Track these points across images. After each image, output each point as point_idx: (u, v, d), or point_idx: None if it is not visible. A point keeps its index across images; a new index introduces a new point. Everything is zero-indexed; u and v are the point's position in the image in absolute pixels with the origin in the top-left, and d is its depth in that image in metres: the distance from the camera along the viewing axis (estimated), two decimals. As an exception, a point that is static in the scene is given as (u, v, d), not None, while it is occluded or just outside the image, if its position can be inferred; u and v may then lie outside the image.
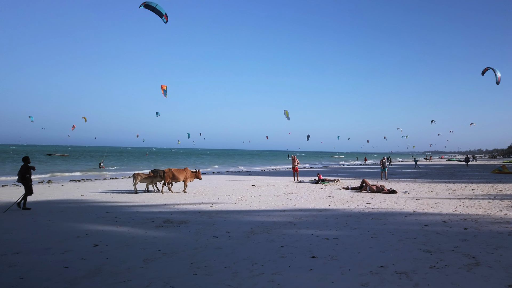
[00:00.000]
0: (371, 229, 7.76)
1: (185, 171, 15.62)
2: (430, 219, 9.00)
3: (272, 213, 10.11)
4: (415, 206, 11.35)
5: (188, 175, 15.64)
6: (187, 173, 15.61)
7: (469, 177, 25.30)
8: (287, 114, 35.58)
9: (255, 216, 9.49)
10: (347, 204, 11.93)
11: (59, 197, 13.76)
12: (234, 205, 11.57)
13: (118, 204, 11.97)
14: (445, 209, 10.59)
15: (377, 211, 10.31)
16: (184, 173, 15.47)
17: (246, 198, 13.41)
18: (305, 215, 9.64)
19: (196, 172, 16.14)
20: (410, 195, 14.51)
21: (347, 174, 31.51)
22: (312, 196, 14.09)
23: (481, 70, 24.53)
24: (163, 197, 13.84)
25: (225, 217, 9.30)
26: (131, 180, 23.95)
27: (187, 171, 15.71)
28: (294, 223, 8.51)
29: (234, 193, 15.23)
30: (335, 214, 9.80)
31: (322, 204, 11.94)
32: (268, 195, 14.32)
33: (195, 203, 12.07)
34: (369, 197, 13.70)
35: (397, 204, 11.75)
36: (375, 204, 11.89)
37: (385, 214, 9.75)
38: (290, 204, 11.94)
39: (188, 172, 15.72)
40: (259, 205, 11.68)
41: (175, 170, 15.39)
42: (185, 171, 15.66)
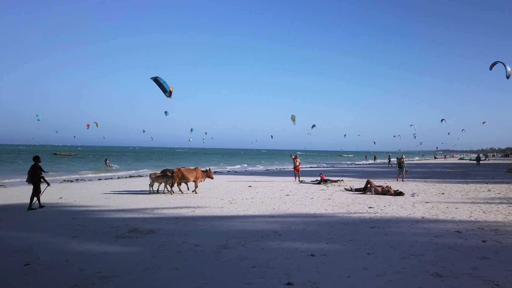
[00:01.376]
0: (369, 241, 6.49)
1: (195, 171, 14.79)
2: (441, 227, 7.68)
3: (259, 219, 8.89)
4: (423, 210, 10.02)
5: (199, 175, 14.85)
6: (197, 172, 14.78)
7: (483, 177, 23.71)
8: (294, 118, 35.21)
9: (237, 224, 8.28)
10: (347, 208, 10.64)
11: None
12: (219, 210, 10.37)
13: (91, 208, 10.86)
14: (458, 215, 9.24)
15: (379, 217, 9.01)
16: (195, 173, 14.66)
17: (237, 201, 12.20)
18: (296, 222, 8.39)
19: (207, 172, 15.29)
20: (418, 197, 13.15)
21: (354, 173, 30.08)
22: (310, 199, 12.82)
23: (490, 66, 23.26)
24: (148, 199, 12.71)
25: (203, 225, 8.10)
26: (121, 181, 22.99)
27: (197, 171, 14.85)
28: (279, 232, 7.27)
29: (226, 195, 14.04)
30: (331, 221, 8.53)
31: (319, 208, 10.67)
32: (262, 198, 13.09)
33: (178, 207, 10.90)
34: (373, 200, 12.38)
35: (403, 209, 10.43)
36: (378, 208, 10.58)
37: (388, 221, 8.45)
38: (283, 208, 10.70)
39: (198, 171, 14.89)
40: (247, 209, 10.46)
41: (184, 170, 14.50)
42: (195, 170, 14.84)
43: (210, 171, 15.48)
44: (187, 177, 14.42)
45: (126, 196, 13.70)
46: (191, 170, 14.84)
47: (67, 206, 11.26)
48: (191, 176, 14.55)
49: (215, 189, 16.23)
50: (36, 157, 10.87)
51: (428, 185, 18.08)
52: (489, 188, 15.99)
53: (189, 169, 14.84)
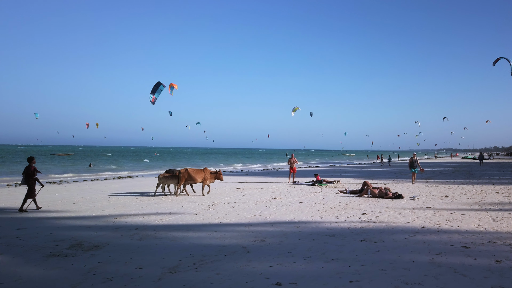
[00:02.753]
0: (355, 262, 5.23)
1: (203, 172, 13.75)
2: (445, 240, 6.42)
3: (232, 229, 7.65)
4: (424, 218, 8.75)
5: (207, 176, 13.81)
6: (205, 173, 13.73)
7: (488, 177, 22.38)
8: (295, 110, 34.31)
9: (204, 236, 7.04)
10: (337, 214, 9.39)
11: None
12: (192, 217, 9.13)
13: (49, 215, 9.64)
14: (464, 224, 7.97)
15: (372, 227, 7.75)
16: (203, 174, 13.63)
17: (216, 206, 10.96)
18: (273, 234, 7.14)
19: (216, 173, 14.16)
20: (419, 201, 11.87)
21: (353, 174, 28.81)
22: (299, 203, 11.57)
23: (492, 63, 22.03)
24: (119, 204, 11.49)
25: (162, 238, 6.87)
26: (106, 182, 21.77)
27: (206, 172, 13.80)
28: (249, 248, 6.02)
29: (208, 198, 12.80)
30: (315, 232, 7.28)
31: (306, 214, 9.42)
32: (246, 202, 11.85)
33: (147, 214, 9.68)
34: (368, 204, 11.11)
35: (401, 215, 9.16)
36: (373, 214, 9.32)
37: (382, 232, 7.19)
38: (265, 215, 9.45)
39: (207, 172, 13.83)
40: (224, 216, 9.22)
41: (192, 171, 13.48)
42: (203, 171, 13.80)
43: (220, 173, 14.29)
44: (194, 178, 13.44)
45: (98, 200, 12.48)
46: (199, 170, 13.82)
47: (24, 212, 10.06)
48: (198, 177, 13.55)
49: (200, 192, 14.99)
50: (30, 158, 10.53)
51: (430, 186, 16.79)
52: (497, 190, 14.69)
53: (197, 170, 13.80)
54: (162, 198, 13.03)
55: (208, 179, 13.82)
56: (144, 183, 20.25)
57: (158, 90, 18.19)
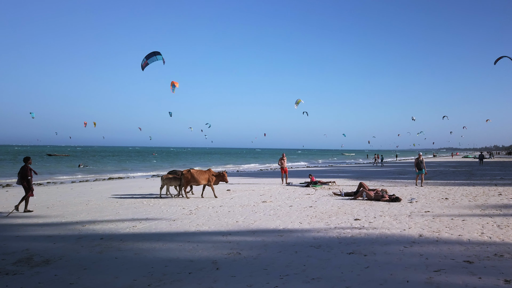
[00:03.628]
0: (340, 281, 4.46)
1: (207, 173, 12.99)
2: (444, 253, 5.65)
3: (208, 239, 6.88)
4: (422, 224, 7.98)
5: (212, 178, 13.03)
6: (209, 175, 12.97)
7: (490, 177, 21.62)
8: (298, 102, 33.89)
9: (173, 247, 6.26)
10: (327, 220, 8.61)
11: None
12: (168, 224, 8.36)
13: (14, 222, 8.87)
14: (466, 231, 7.20)
15: (364, 235, 6.98)
16: (206, 176, 12.87)
17: (199, 211, 10.19)
18: (252, 244, 6.37)
19: (221, 175, 13.29)
20: (417, 204, 11.11)
21: (350, 174, 28.06)
22: (288, 207, 10.80)
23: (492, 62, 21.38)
24: (96, 208, 10.72)
25: (126, 250, 6.09)
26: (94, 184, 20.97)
27: (209, 173, 13.04)
28: (219, 264, 5.25)
29: (193, 201, 12.03)
30: (299, 242, 6.50)
31: (293, 220, 8.65)
32: (232, 206, 11.08)
33: (120, 220, 8.91)
34: (362, 208, 10.34)
35: (397, 221, 8.39)
36: (366, 220, 8.54)
37: (374, 243, 6.41)
38: (249, 221, 8.68)
39: (211, 174, 13.06)
40: (204, 223, 8.45)
41: (195, 172, 12.75)
42: (207, 173, 13.03)
43: (225, 174, 13.40)
44: (197, 179, 12.72)
45: (75, 204, 11.70)
46: (203, 172, 13.06)
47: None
48: (202, 179, 12.82)
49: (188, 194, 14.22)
50: (26, 158, 10.30)
51: (429, 187, 16.02)
52: (500, 192, 13.92)
53: (201, 171, 13.06)
54: (144, 201, 12.26)
55: (212, 181, 13.05)
56: (132, 185, 19.49)
57: (153, 58, 16.91)
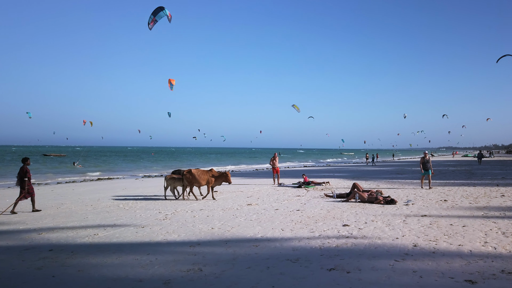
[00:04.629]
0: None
1: (209, 173, 12.21)
2: (442, 269, 4.80)
3: (172, 250, 6.02)
4: (418, 231, 7.13)
5: (213, 178, 12.24)
6: (210, 176, 12.19)
7: (491, 177, 20.76)
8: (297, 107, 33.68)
9: (127, 262, 5.40)
10: (313, 226, 7.75)
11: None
12: (135, 232, 7.50)
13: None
14: (467, 240, 6.34)
15: (351, 245, 6.12)
16: (208, 176, 12.10)
17: (175, 216, 9.34)
18: (220, 257, 5.51)
19: (224, 175, 12.42)
20: (414, 206, 10.27)
21: (347, 173, 27.22)
22: (274, 211, 9.94)
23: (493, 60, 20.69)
24: (63, 213, 9.86)
25: (72, 265, 5.23)
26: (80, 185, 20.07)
27: (212, 173, 12.27)
28: (172, 284, 4.39)
29: (173, 205, 11.18)
30: (275, 254, 5.65)
31: (275, 227, 7.79)
32: (213, 210, 10.22)
33: (83, 227, 8.04)
34: (353, 212, 9.49)
35: (390, 227, 7.53)
36: (356, 226, 7.69)
37: (361, 255, 5.55)
38: (226, 227, 7.82)
39: (211, 174, 12.27)
40: (174, 230, 7.59)
41: (196, 172, 12.01)
42: (209, 173, 12.25)
43: (228, 174, 12.45)
44: (198, 180, 11.97)
45: (45, 208, 10.84)
46: (204, 172, 12.27)
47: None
48: (203, 179, 12.05)
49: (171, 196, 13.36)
50: (25, 159, 10.13)
51: (427, 187, 15.16)
52: (502, 192, 13.07)
53: (202, 171, 12.26)
54: (121, 204, 11.41)
55: (211, 182, 12.23)
56: (117, 186, 18.64)
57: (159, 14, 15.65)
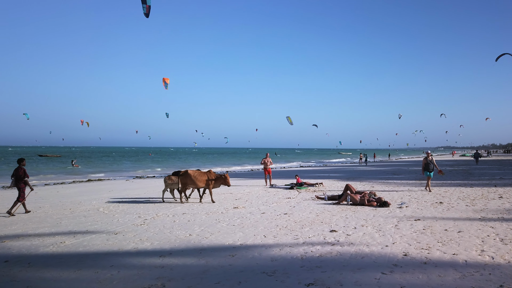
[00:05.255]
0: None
1: (206, 175, 11.67)
2: (434, 283, 4.28)
3: (140, 261, 5.48)
4: (410, 237, 6.61)
5: (210, 182, 11.67)
6: (209, 177, 11.66)
7: (489, 177, 20.30)
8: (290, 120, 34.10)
9: (83, 277, 4.86)
10: (298, 232, 7.22)
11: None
12: (105, 239, 6.95)
13: None
14: (462, 248, 5.83)
15: (335, 255, 5.59)
16: (205, 178, 11.57)
17: (155, 220, 8.80)
18: (189, 270, 4.98)
19: (223, 177, 11.82)
20: (408, 209, 9.76)
21: (342, 174, 26.74)
22: (260, 214, 9.42)
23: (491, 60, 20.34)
24: (35, 219, 9.30)
25: (22, 280, 4.69)
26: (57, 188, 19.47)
27: (209, 175, 11.72)
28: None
29: (155, 208, 10.64)
30: (250, 266, 5.12)
31: (258, 232, 7.26)
32: (196, 214, 9.69)
33: (52, 234, 7.49)
34: (344, 216, 8.96)
35: (380, 233, 7.01)
36: (343, 232, 7.16)
37: (345, 266, 5.03)
38: (204, 234, 7.29)
39: (211, 176, 11.74)
40: (150, 237, 7.05)
41: (192, 173, 11.46)
42: (206, 174, 11.70)
43: (227, 177, 11.90)
44: (195, 182, 11.43)
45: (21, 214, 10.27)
46: (202, 173, 11.72)
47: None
48: (200, 181, 11.52)
49: (156, 199, 12.81)
50: (20, 160, 10.13)
51: (423, 189, 14.67)
52: (500, 194, 12.58)
53: (200, 172, 11.71)
54: (101, 208, 10.86)
55: (211, 184, 11.69)
56: (104, 188, 18.07)
57: None
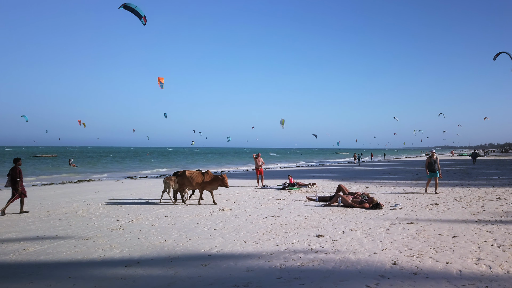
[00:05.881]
0: None
1: (203, 176, 11.14)
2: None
3: (102, 272, 4.97)
4: (401, 243, 6.12)
5: (208, 182, 11.17)
6: (206, 178, 11.11)
7: (486, 177, 19.86)
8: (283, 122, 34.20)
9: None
10: (282, 237, 6.72)
11: None
12: (73, 246, 6.43)
13: None
14: (457, 256, 5.34)
15: (317, 264, 5.09)
16: (202, 178, 11.04)
17: (132, 225, 8.28)
18: (154, 282, 4.47)
19: (219, 178, 11.16)
20: (401, 211, 9.28)
21: (338, 174, 26.30)
22: (246, 217, 8.92)
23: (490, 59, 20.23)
24: (14, 220, 8.77)
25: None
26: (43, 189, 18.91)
27: (206, 176, 11.18)
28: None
29: (138, 211, 10.13)
30: (222, 278, 4.61)
31: (239, 238, 6.76)
32: (177, 217, 9.18)
33: (18, 239, 6.97)
34: (333, 219, 8.47)
35: (369, 238, 6.52)
36: (330, 237, 6.67)
37: (326, 278, 4.53)
38: (182, 239, 6.79)
39: (208, 177, 11.19)
40: (122, 243, 6.54)
41: (189, 173, 11.01)
42: (203, 175, 11.18)
43: (225, 177, 11.20)
44: (191, 182, 10.98)
45: None
46: (199, 174, 11.21)
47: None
48: (196, 182, 11.04)
49: (141, 201, 12.29)
50: (16, 159, 10.14)
51: (418, 189, 14.21)
52: (498, 195, 12.12)
53: (197, 173, 11.21)
54: (80, 211, 10.33)
55: (209, 185, 11.14)
56: (91, 189, 17.53)
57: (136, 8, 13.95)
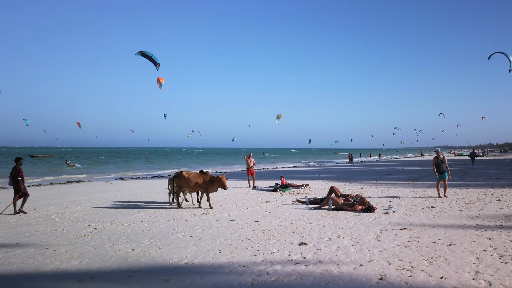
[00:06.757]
0: None
1: (202, 177, 10.73)
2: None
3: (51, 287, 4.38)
4: (390, 253, 5.52)
5: (207, 183, 10.64)
6: (204, 179, 10.68)
7: (486, 177, 19.27)
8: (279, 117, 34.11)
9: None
10: (260, 246, 6.13)
11: None
12: (29, 257, 5.82)
13: None
14: (452, 268, 4.75)
15: (295, 278, 4.49)
16: (200, 180, 10.64)
17: (106, 229, 7.69)
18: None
19: (217, 180, 10.60)
20: (395, 215, 8.69)
21: (333, 174, 25.71)
22: (228, 222, 8.33)
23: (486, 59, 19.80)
24: None
25: None
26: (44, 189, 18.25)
27: (206, 177, 10.65)
28: None
29: (115, 215, 9.54)
30: (183, 297, 4.02)
31: (214, 246, 6.16)
32: (154, 222, 8.59)
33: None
34: (321, 224, 7.88)
35: (356, 247, 5.92)
36: (315, 246, 6.07)
37: (302, 297, 3.93)
38: (152, 247, 6.19)
39: (206, 178, 10.66)
40: (84, 253, 5.94)
41: (187, 174, 10.71)
42: (202, 176, 10.75)
43: (223, 179, 10.66)
44: (188, 184, 10.50)
45: None
46: (197, 175, 10.72)
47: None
48: (194, 183, 10.54)
49: (127, 202, 11.69)
50: (18, 159, 10.22)
51: (415, 190, 13.63)
52: (498, 196, 11.53)
53: (194, 174, 10.73)
54: (54, 215, 9.74)
55: (208, 186, 10.62)
56: (77, 190, 16.93)
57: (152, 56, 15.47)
